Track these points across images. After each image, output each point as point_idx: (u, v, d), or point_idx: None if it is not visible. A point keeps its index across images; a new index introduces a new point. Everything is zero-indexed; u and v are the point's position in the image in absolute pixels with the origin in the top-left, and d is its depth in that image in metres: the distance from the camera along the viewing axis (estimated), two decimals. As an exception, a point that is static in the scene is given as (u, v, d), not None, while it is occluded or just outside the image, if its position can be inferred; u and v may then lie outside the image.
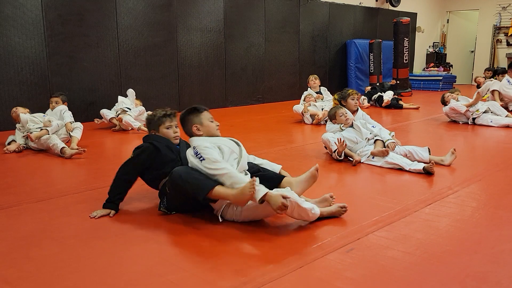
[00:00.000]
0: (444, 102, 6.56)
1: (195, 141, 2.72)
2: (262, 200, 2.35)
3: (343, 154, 4.05)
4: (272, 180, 2.73)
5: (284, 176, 2.81)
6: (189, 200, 2.58)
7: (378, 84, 10.11)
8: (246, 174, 2.68)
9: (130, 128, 5.95)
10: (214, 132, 2.76)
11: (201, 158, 2.54)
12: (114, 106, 6.29)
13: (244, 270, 2.03)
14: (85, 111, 6.79)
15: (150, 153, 2.80)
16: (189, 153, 2.67)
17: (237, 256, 2.19)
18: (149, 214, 2.75)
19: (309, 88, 7.24)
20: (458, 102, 6.33)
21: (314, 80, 7.22)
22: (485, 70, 10.93)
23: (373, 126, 4.30)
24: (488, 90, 8.03)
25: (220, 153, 2.62)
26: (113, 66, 7.13)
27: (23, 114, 4.89)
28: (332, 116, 4.32)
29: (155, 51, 7.61)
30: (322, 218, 2.57)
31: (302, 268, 2.04)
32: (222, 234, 2.43)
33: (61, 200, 3.10)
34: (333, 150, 4.09)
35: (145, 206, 2.92)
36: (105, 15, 6.95)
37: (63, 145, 4.50)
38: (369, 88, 9.38)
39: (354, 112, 4.48)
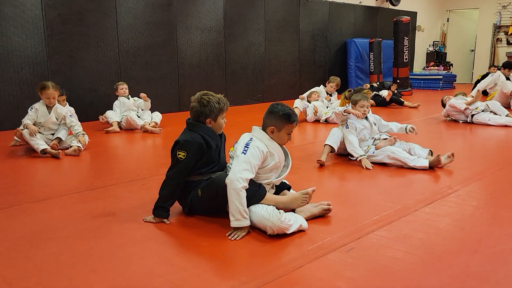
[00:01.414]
0: (444, 105, 6.57)
1: (257, 132, 2.61)
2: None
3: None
4: (278, 187, 2.80)
5: (289, 187, 2.85)
6: (219, 205, 2.56)
7: (378, 83, 10.09)
8: (273, 187, 2.72)
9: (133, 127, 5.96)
10: (281, 144, 2.65)
11: (244, 152, 2.46)
12: (115, 107, 6.20)
13: (244, 270, 2.03)
14: (85, 111, 6.77)
15: (202, 150, 2.58)
16: (244, 137, 2.57)
17: (237, 256, 2.19)
18: (149, 214, 2.73)
19: (322, 87, 7.22)
20: (458, 100, 6.34)
21: (332, 86, 7.18)
22: (492, 66, 10.71)
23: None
24: (496, 84, 7.99)
25: (269, 159, 2.55)
26: (113, 66, 7.12)
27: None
28: (353, 102, 4.13)
29: (155, 50, 7.60)
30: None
31: (302, 268, 2.03)
32: (222, 234, 2.42)
33: (61, 200, 3.10)
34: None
35: (145, 206, 2.91)
36: (105, 14, 6.94)
37: (44, 146, 4.40)
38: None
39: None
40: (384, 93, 8.42)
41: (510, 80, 7.96)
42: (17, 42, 6.13)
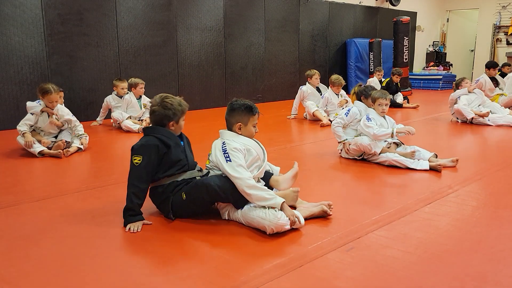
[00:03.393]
0: (457, 85, 6.36)
1: (226, 135, 2.63)
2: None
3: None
4: (264, 178, 2.78)
5: (272, 174, 2.84)
6: (204, 207, 2.60)
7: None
8: (259, 181, 2.70)
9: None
10: (250, 137, 2.68)
11: (228, 159, 2.49)
12: (122, 107, 6.13)
13: (244, 269, 2.03)
14: (84, 111, 6.79)
15: (159, 151, 2.57)
16: (217, 146, 2.58)
17: (237, 256, 2.19)
18: (149, 214, 2.74)
19: (329, 88, 6.81)
20: (466, 106, 6.12)
21: (317, 77, 6.93)
22: (505, 65, 10.18)
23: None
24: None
25: (247, 155, 2.57)
26: (113, 66, 7.12)
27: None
28: (373, 99, 4.06)
29: (155, 50, 7.61)
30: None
31: (302, 267, 2.04)
32: (222, 234, 2.43)
33: (61, 199, 3.10)
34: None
35: (144, 205, 2.91)
36: (105, 14, 6.94)
37: (40, 148, 4.41)
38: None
39: None
40: (399, 98, 8.41)
41: (496, 79, 7.78)
42: (17, 41, 6.13)
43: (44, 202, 3.04)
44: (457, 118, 6.38)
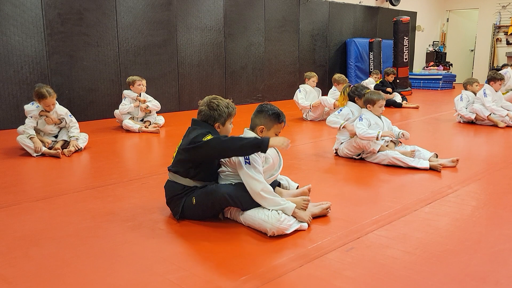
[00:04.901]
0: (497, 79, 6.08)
1: (249, 135, 2.62)
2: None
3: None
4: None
5: (278, 183, 2.84)
6: (211, 213, 2.59)
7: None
8: None
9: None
10: None
11: (247, 161, 2.48)
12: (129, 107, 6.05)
13: (244, 269, 2.03)
14: (84, 110, 6.78)
15: None
16: None
17: (237, 256, 2.19)
18: (149, 213, 2.74)
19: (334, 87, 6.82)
20: (484, 106, 5.98)
21: (314, 80, 6.97)
22: (505, 65, 10.15)
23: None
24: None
25: (264, 163, 2.57)
26: (113, 65, 7.12)
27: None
28: (371, 101, 3.98)
29: (155, 50, 7.60)
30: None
31: (302, 267, 2.04)
32: (222, 234, 2.43)
33: (61, 199, 3.10)
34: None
35: (145, 205, 2.92)
36: (105, 14, 6.94)
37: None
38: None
39: None
40: (397, 98, 8.41)
41: None
42: (17, 41, 6.13)
43: (44, 201, 3.04)
44: (460, 117, 6.34)
